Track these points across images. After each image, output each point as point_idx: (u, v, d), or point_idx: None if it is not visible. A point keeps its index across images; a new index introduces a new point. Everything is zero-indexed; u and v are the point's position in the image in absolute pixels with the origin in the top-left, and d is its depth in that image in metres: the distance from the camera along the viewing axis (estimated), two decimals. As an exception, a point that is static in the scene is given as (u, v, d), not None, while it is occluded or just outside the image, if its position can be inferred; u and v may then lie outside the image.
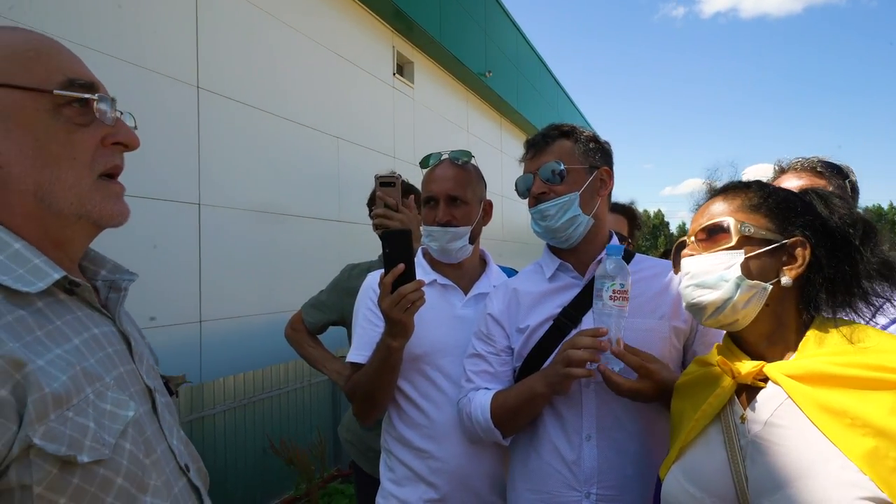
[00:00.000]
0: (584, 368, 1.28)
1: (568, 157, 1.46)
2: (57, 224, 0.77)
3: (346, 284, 2.34)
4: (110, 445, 0.70)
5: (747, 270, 1.02)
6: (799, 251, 1.01)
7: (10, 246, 0.72)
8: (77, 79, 0.77)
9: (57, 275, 0.73)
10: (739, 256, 1.02)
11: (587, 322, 1.42)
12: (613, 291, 1.28)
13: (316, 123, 5.39)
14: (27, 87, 0.73)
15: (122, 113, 0.83)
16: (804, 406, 0.92)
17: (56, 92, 0.74)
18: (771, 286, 1.01)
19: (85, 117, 0.77)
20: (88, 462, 0.67)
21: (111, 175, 0.82)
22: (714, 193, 1.14)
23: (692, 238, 1.10)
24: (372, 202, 2.46)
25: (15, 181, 0.73)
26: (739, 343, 1.08)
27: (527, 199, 1.52)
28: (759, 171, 3.76)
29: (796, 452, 0.91)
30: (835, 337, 0.97)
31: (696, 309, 1.07)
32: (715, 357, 1.10)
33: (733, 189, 1.11)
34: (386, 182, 1.95)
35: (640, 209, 2.96)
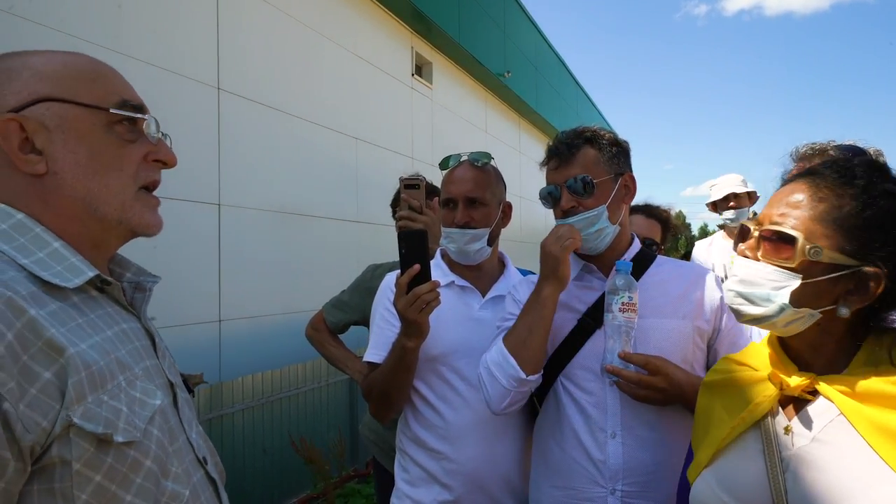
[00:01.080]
0: (574, 241, 1.38)
1: (594, 168, 1.44)
2: (99, 227, 0.85)
3: (369, 284, 2.34)
4: (140, 429, 0.77)
5: (799, 297, 0.90)
6: (872, 284, 0.87)
7: (49, 245, 0.79)
8: (130, 100, 0.86)
9: (91, 273, 0.81)
10: (795, 281, 0.90)
11: (608, 322, 1.42)
12: (623, 304, 1.35)
13: (334, 124, 5.41)
14: (87, 104, 0.82)
15: (164, 134, 0.92)
16: (858, 425, 0.86)
17: (112, 110, 0.84)
18: (820, 314, 0.91)
19: (133, 134, 0.87)
20: (121, 443, 0.73)
21: (149, 188, 0.90)
22: (805, 173, 0.96)
23: (756, 233, 0.97)
24: (396, 204, 2.47)
25: (67, 186, 0.81)
26: (786, 348, 1.00)
27: (549, 206, 1.52)
28: (729, 182, 3.63)
29: (847, 472, 0.86)
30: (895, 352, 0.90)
31: (735, 313, 1.01)
32: (751, 358, 1.05)
33: (830, 181, 0.92)
34: (410, 184, 1.98)
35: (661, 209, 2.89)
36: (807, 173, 0.96)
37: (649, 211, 2.72)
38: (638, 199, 2.05)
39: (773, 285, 0.92)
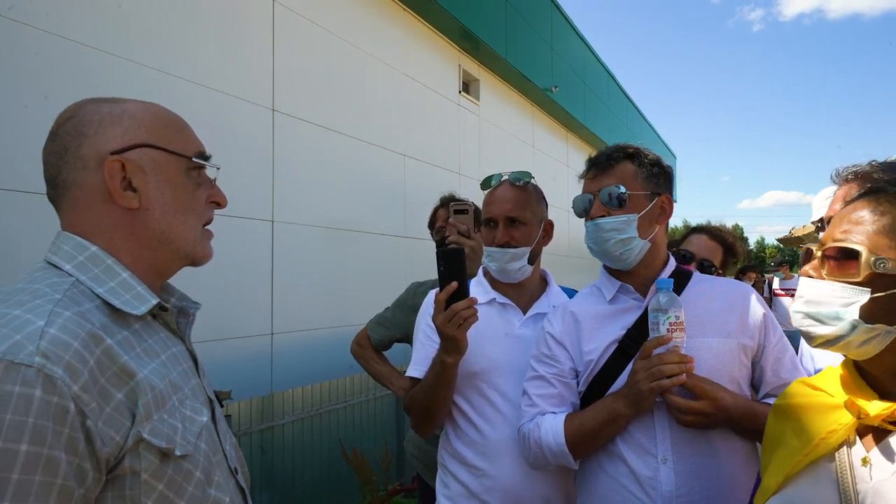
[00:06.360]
0: (672, 379, 1.29)
1: (630, 182, 1.45)
2: (168, 258, 0.96)
3: (411, 302, 2.39)
4: (192, 444, 0.87)
5: (870, 312, 0.86)
6: None
7: (119, 275, 0.89)
8: (203, 151, 1.00)
9: (154, 300, 0.90)
10: (864, 295, 0.86)
11: None
12: (670, 324, 1.30)
13: (383, 142, 5.54)
14: (175, 152, 0.95)
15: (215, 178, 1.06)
16: None
17: (193, 159, 0.97)
18: None
19: (201, 179, 1.00)
20: (179, 455, 0.83)
21: (205, 225, 1.02)
22: (867, 192, 0.94)
23: (819, 252, 0.94)
24: (432, 225, 2.56)
25: (153, 221, 0.92)
26: (863, 373, 0.94)
27: (581, 216, 1.53)
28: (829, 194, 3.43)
29: None
30: None
31: (805, 336, 0.97)
32: (826, 383, 0.99)
33: (891, 196, 0.90)
34: (459, 209, 2.07)
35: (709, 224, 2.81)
36: (868, 191, 0.94)
37: (715, 233, 2.63)
38: (696, 214, 2.00)
39: (842, 302, 0.88)
